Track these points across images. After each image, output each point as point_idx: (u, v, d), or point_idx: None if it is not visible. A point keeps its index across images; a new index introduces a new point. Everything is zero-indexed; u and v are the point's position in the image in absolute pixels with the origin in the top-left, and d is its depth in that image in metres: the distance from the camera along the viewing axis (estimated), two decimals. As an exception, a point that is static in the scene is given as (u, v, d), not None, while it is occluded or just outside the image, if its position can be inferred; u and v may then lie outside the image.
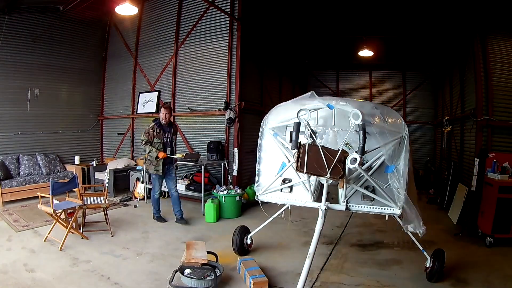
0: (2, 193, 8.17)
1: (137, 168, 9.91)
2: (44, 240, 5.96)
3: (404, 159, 3.86)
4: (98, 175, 10.28)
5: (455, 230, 7.34)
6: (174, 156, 7.26)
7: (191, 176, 9.28)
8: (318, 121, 4.23)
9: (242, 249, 5.79)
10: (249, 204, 8.64)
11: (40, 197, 6.03)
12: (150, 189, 9.28)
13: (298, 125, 3.87)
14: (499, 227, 6.32)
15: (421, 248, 5.07)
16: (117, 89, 11.88)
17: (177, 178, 7.73)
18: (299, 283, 3.51)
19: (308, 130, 3.83)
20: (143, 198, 9.31)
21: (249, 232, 5.93)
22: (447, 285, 4.88)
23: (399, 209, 3.93)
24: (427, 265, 4.91)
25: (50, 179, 7.00)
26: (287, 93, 13.13)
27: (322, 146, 3.63)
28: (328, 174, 3.56)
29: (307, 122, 3.86)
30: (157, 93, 10.69)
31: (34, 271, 4.87)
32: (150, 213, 7.86)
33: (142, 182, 9.38)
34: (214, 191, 8.20)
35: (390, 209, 4.05)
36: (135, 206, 8.80)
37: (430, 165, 11.80)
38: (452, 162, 9.35)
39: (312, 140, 3.83)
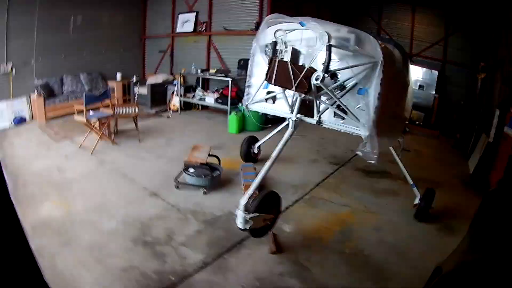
0: (46, 111, 8.79)
1: (174, 83, 10.61)
2: (79, 147, 6.72)
3: (376, 85, 3.98)
4: (140, 90, 10.99)
5: (468, 178, 6.92)
6: None
7: (221, 90, 9.92)
8: (302, 42, 4.51)
9: (249, 157, 6.37)
10: (276, 120, 9.06)
11: (76, 109, 6.82)
12: (185, 102, 10.21)
13: (274, 44, 4.36)
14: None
15: (411, 183, 5.16)
16: (158, 11, 12.28)
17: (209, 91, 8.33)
18: (252, 184, 3.82)
19: (281, 47, 4.28)
20: (177, 110, 10.15)
21: (257, 142, 6.47)
22: (432, 228, 4.85)
23: (367, 131, 4.09)
24: (416, 202, 5.00)
25: (84, 92, 7.71)
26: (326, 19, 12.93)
27: (291, 63, 4.01)
28: (294, 88, 3.95)
29: (283, 41, 4.26)
30: (195, 13, 11.13)
31: (65, 172, 5.65)
32: (180, 123, 8.77)
33: (177, 95, 10.15)
34: (240, 104, 8.63)
35: (359, 130, 4.22)
36: (168, 117, 9.65)
37: (465, 110, 11.22)
38: (481, 110, 8.88)
39: (282, 57, 4.23)
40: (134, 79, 10.94)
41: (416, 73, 11.48)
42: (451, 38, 12.62)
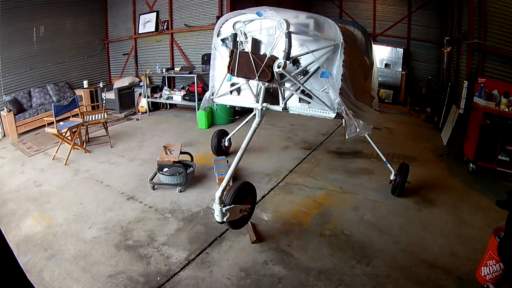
0: (16, 126, 8.52)
1: (140, 84, 10.56)
2: (53, 159, 6.64)
3: (338, 67, 4.05)
4: (107, 95, 10.87)
5: (442, 151, 7.12)
6: None
7: (187, 87, 10.02)
8: (262, 31, 4.53)
9: (220, 150, 6.44)
10: (244, 111, 9.21)
11: (46, 122, 6.81)
12: (152, 102, 10.35)
13: (234, 35, 4.37)
14: (483, 155, 5.88)
15: (384, 160, 5.21)
16: (119, 14, 12.12)
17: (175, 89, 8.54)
18: (225, 177, 3.78)
19: (241, 39, 4.30)
20: (146, 112, 10.17)
21: (227, 135, 6.55)
22: (411, 202, 4.90)
23: (333, 113, 4.18)
24: (391, 178, 5.09)
25: (53, 103, 7.63)
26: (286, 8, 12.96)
27: (252, 53, 4.03)
28: (257, 77, 3.97)
29: (243, 32, 4.27)
30: (155, 13, 11.06)
31: (42, 185, 5.58)
32: (150, 124, 8.78)
33: (144, 97, 10.15)
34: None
35: (326, 113, 4.29)
36: (137, 119, 9.61)
37: (433, 84, 11.49)
38: (449, 83, 9.06)
39: (243, 48, 4.27)
40: (101, 84, 10.88)
41: (381, 52, 11.64)
42: (415, 15, 12.82)
